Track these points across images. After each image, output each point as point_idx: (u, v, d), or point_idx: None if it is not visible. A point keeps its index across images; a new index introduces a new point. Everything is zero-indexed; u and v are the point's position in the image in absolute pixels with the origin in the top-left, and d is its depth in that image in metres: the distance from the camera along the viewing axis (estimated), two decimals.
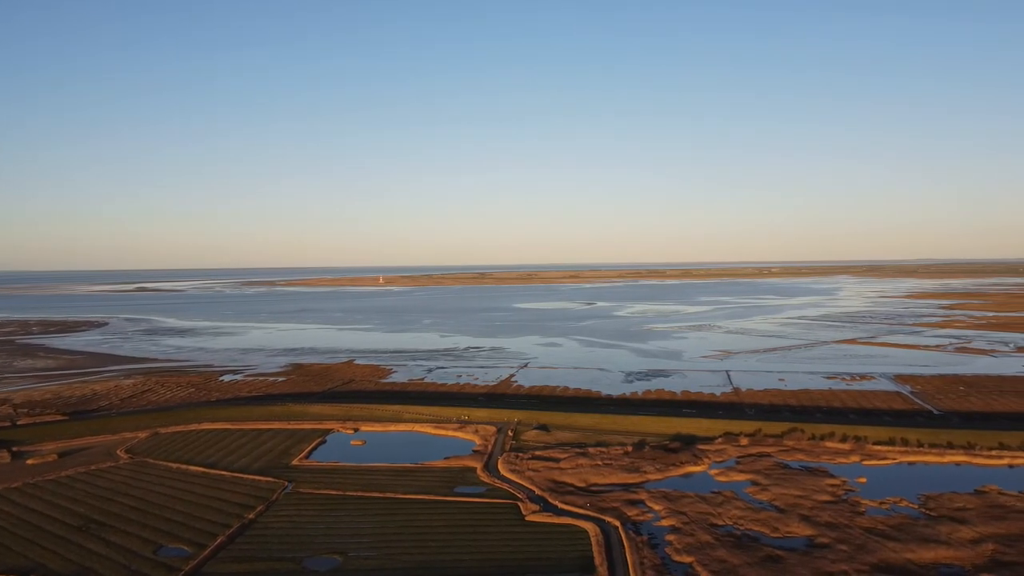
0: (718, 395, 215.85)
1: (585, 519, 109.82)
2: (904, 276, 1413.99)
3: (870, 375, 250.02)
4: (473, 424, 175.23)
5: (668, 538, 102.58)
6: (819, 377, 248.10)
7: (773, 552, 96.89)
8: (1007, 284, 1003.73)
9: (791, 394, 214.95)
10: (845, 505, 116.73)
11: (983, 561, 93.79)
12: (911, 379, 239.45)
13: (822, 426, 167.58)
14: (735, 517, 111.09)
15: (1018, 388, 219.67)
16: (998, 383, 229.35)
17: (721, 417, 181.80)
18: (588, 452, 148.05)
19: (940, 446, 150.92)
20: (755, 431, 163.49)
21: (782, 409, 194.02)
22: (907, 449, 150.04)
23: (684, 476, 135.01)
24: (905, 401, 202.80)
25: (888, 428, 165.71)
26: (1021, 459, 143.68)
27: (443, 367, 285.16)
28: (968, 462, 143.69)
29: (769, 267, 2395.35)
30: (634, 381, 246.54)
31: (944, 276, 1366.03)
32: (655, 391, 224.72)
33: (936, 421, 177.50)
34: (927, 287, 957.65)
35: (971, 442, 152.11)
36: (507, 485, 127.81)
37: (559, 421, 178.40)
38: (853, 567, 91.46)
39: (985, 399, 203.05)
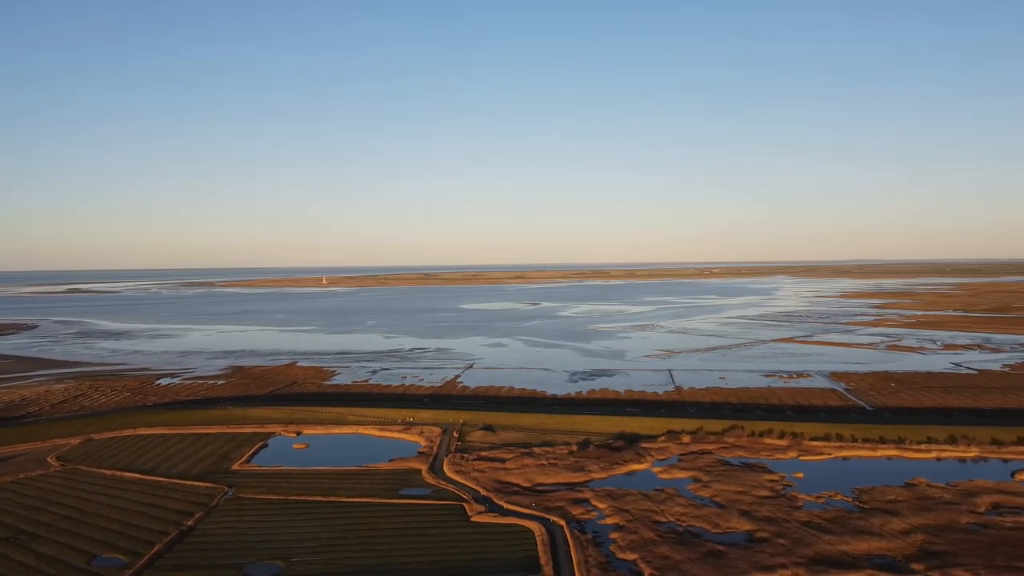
0: (661, 394, 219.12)
1: (531, 519, 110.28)
2: (839, 276, 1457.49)
3: (807, 373, 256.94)
4: (418, 425, 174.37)
5: (612, 536, 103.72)
6: (758, 375, 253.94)
7: (715, 547, 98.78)
8: (935, 284, 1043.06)
9: (731, 392, 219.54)
10: (783, 500, 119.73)
11: (913, 551, 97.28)
12: (845, 376, 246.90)
13: (761, 423, 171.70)
14: (678, 514, 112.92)
15: (945, 384, 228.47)
16: (926, 379, 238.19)
17: (664, 416, 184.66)
18: (534, 452, 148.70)
19: (873, 441, 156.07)
20: (697, 429, 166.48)
21: (723, 407, 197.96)
22: (842, 444, 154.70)
23: (628, 474, 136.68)
24: (840, 398, 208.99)
25: (824, 424, 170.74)
26: (948, 452, 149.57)
27: (388, 368, 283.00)
28: (899, 456, 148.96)
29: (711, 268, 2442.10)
30: (579, 381, 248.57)
31: (876, 277, 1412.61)
32: (599, 390, 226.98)
33: (869, 417, 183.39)
34: (860, 287, 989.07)
35: (902, 437, 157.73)
36: (452, 486, 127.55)
37: (505, 421, 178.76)
38: (791, 560, 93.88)
39: (914, 395, 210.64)
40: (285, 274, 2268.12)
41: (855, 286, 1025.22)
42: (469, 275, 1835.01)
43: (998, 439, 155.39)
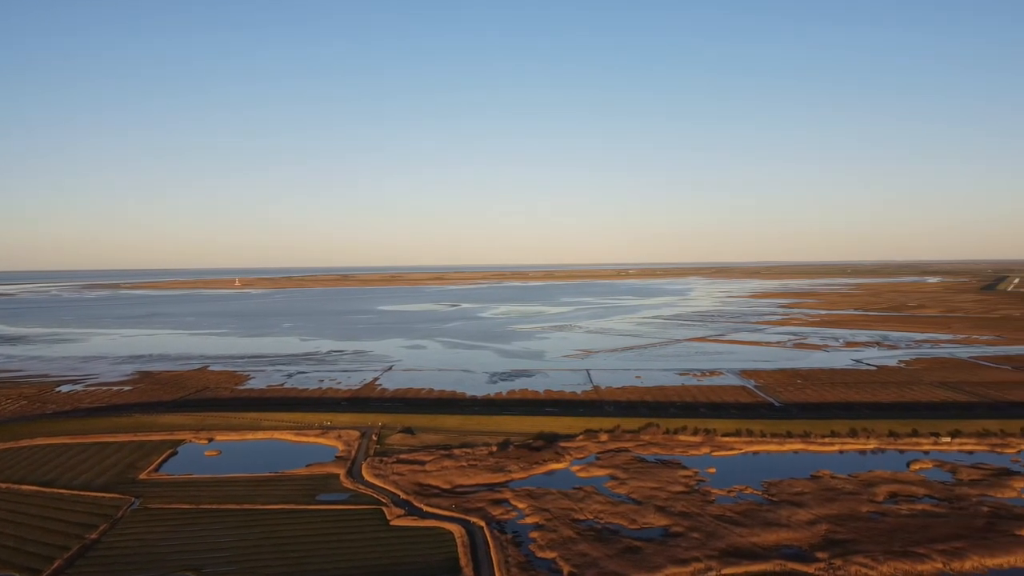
0: (579, 393, 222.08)
1: (451, 521, 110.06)
2: (749, 277, 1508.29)
3: (719, 371, 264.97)
4: (336, 429, 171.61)
5: (532, 535, 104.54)
6: (673, 374, 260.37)
7: (632, 543, 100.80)
8: (837, 285, 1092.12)
9: (647, 391, 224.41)
10: (697, 495, 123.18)
11: (818, 541, 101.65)
12: (755, 374, 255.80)
13: (675, 420, 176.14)
14: (596, 511, 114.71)
15: (847, 380, 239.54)
16: (830, 375, 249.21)
17: (582, 415, 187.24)
18: (454, 453, 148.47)
19: (781, 435, 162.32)
20: (614, 427, 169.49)
21: (639, 405, 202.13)
22: (752, 439, 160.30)
23: (547, 473, 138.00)
24: (750, 394, 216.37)
25: (735, 420, 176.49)
26: (850, 445, 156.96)
27: (304, 372, 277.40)
28: (805, 449, 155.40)
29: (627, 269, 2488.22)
30: (498, 382, 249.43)
31: (783, 277, 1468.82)
32: (519, 391, 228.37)
33: (777, 412, 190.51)
34: (769, 287, 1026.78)
35: (807, 431, 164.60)
36: (371, 490, 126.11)
37: (425, 423, 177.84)
38: (704, 553, 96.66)
39: (819, 390, 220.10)
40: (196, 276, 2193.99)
41: (764, 287, 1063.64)
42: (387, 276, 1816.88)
43: (895, 431, 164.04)
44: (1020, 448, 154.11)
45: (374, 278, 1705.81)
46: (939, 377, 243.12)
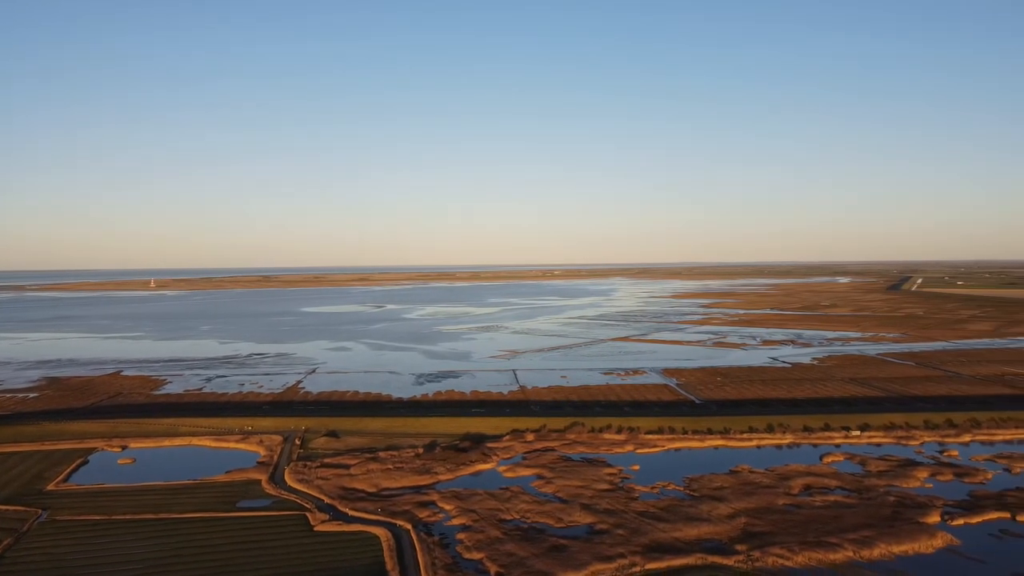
0: (506, 394, 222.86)
1: (377, 524, 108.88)
2: (670, 278, 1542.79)
3: (642, 370, 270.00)
4: (258, 434, 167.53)
5: (459, 536, 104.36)
6: (597, 373, 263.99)
7: (558, 542, 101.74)
8: (755, 285, 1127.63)
9: (572, 390, 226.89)
10: (621, 492, 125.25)
11: (737, 534, 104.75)
12: (677, 372, 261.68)
13: (600, 419, 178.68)
14: (523, 511, 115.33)
15: (764, 377, 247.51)
16: (748, 373, 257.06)
17: (509, 415, 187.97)
18: (379, 456, 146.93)
19: (701, 432, 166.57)
20: (540, 427, 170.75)
21: (564, 405, 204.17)
22: (674, 436, 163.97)
23: (474, 474, 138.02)
24: (672, 392, 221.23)
25: (658, 418, 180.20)
26: (767, 440, 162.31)
27: (224, 375, 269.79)
28: (724, 445, 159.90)
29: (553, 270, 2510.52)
30: (425, 383, 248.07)
31: (704, 278, 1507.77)
32: (445, 392, 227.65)
33: (698, 410, 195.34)
34: (690, 288, 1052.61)
35: (727, 427, 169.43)
36: (295, 496, 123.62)
37: (350, 426, 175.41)
38: (629, 549, 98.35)
39: (738, 387, 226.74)
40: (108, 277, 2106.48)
41: (685, 287, 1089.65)
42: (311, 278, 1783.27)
43: (809, 426, 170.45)
44: (923, 440, 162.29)
45: (296, 279, 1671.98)
46: (849, 373, 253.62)
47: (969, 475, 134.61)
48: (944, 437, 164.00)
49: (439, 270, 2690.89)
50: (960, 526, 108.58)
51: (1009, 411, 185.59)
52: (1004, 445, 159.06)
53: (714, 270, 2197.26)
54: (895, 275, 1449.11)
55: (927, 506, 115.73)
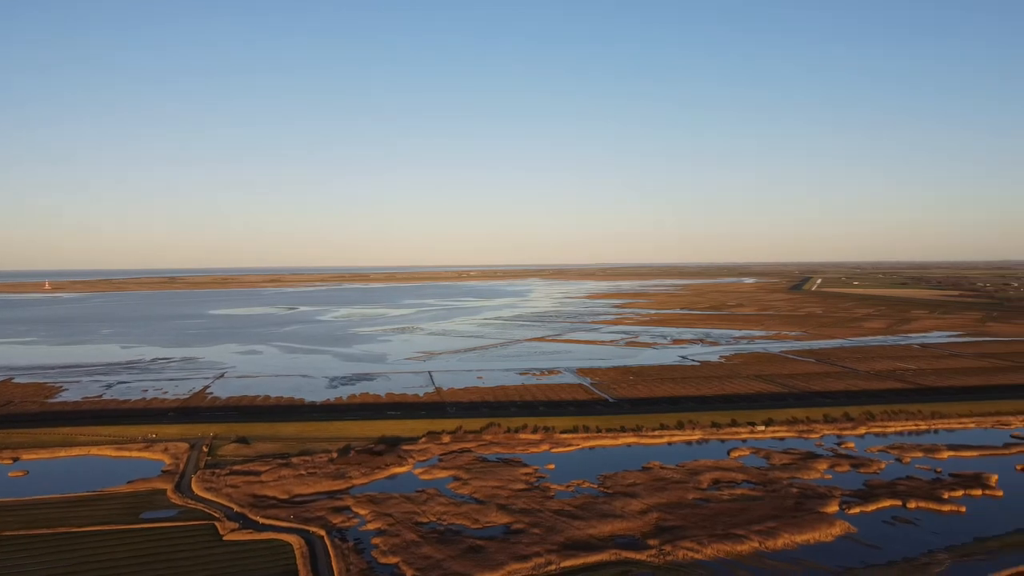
0: (422, 395, 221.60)
1: (289, 532, 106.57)
2: (584, 279, 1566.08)
3: (557, 370, 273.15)
4: (162, 442, 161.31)
5: (374, 541, 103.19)
6: (513, 373, 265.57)
7: (475, 543, 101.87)
8: (666, 285, 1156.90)
9: (488, 391, 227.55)
10: (537, 491, 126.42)
11: (650, 528, 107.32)
12: (591, 372, 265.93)
13: (516, 419, 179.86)
14: (439, 513, 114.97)
15: (674, 376, 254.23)
16: (659, 372, 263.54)
17: (425, 417, 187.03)
18: (292, 462, 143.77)
19: (615, 430, 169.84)
20: (456, 428, 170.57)
21: (481, 406, 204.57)
22: (588, 435, 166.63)
23: (390, 478, 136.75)
24: (586, 392, 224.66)
25: (572, 418, 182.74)
26: (678, 437, 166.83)
27: (126, 382, 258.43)
28: (637, 442, 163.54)
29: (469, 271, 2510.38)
30: (339, 386, 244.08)
31: (616, 279, 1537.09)
32: (360, 395, 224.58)
33: (611, 408, 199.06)
34: (603, 288, 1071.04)
35: (639, 425, 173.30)
36: (202, 505, 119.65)
37: (261, 432, 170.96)
38: (544, 548, 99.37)
39: (649, 386, 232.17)
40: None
41: (599, 287, 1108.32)
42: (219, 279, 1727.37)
43: (717, 422, 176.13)
44: (823, 433, 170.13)
45: (204, 280, 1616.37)
46: (755, 371, 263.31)
47: (864, 466, 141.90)
48: (842, 430, 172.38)
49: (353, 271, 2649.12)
50: (857, 514, 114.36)
51: (900, 404, 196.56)
52: (896, 436, 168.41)
53: (627, 271, 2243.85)
54: (797, 276, 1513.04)
55: (827, 496, 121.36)
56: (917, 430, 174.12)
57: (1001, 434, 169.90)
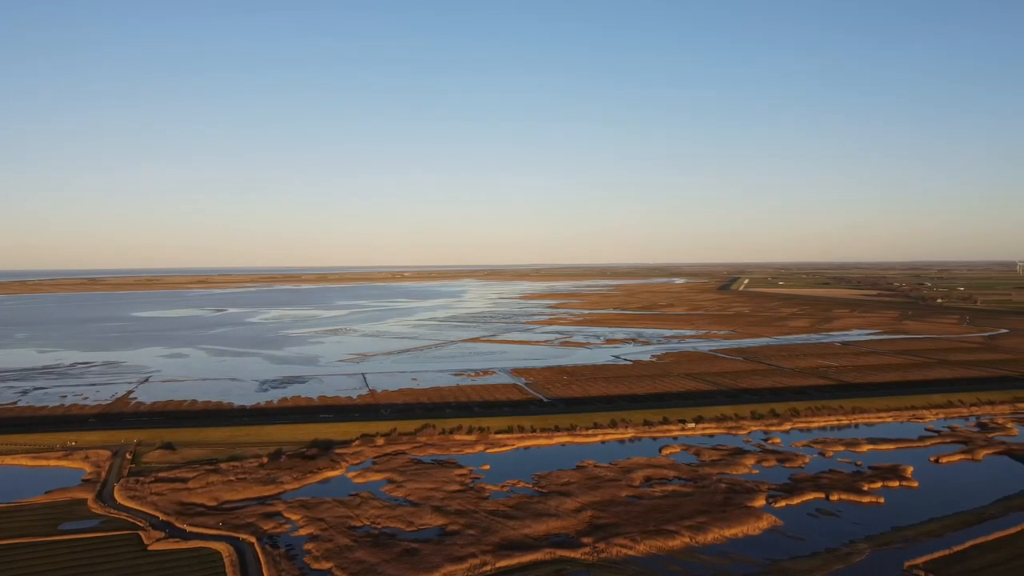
0: (355, 398, 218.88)
1: (218, 540, 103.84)
2: (519, 279, 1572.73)
3: (492, 370, 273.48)
4: (83, 450, 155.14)
5: (307, 547, 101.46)
6: (448, 374, 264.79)
7: (409, 545, 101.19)
8: (599, 286, 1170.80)
9: (423, 392, 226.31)
10: (472, 492, 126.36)
11: (584, 527, 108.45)
12: (525, 372, 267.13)
13: (451, 421, 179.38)
14: (373, 516, 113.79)
15: (607, 375, 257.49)
16: (592, 371, 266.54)
17: (358, 419, 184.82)
18: (220, 468, 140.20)
19: (549, 430, 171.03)
20: (391, 430, 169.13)
21: (415, 407, 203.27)
22: (523, 435, 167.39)
23: (322, 482, 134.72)
24: (521, 392, 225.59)
25: (507, 418, 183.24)
26: (611, 435, 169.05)
27: (43, 387, 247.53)
28: (571, 442, 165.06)
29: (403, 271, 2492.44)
30: (270, 389, 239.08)
31: (550, 279, 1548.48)
32: (292, 398, 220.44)
33: (546, 408, 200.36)
34: (538, 289, 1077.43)
35: (573, 424, 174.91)
36: (126, 514, 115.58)
37: (188, 438, 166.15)
38: (480, 549, 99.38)
39: (583, 385, 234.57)
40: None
41: (533, 288, 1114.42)
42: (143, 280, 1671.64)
43: (649, 420, 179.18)
44: (750, 429, 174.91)
45: (127, 281, 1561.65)
46: (685, 369, 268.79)
47: (790, 460, 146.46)
48: (768, 426, 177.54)
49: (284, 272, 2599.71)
50: (783, 508, 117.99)
51: (823, 400, 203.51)
52: (819, 431, 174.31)
53: (561, 272, 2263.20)
54: (725, 276, 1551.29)
55: (754, 491, 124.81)
56: (839, 425, 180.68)
57: (916, 427, 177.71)
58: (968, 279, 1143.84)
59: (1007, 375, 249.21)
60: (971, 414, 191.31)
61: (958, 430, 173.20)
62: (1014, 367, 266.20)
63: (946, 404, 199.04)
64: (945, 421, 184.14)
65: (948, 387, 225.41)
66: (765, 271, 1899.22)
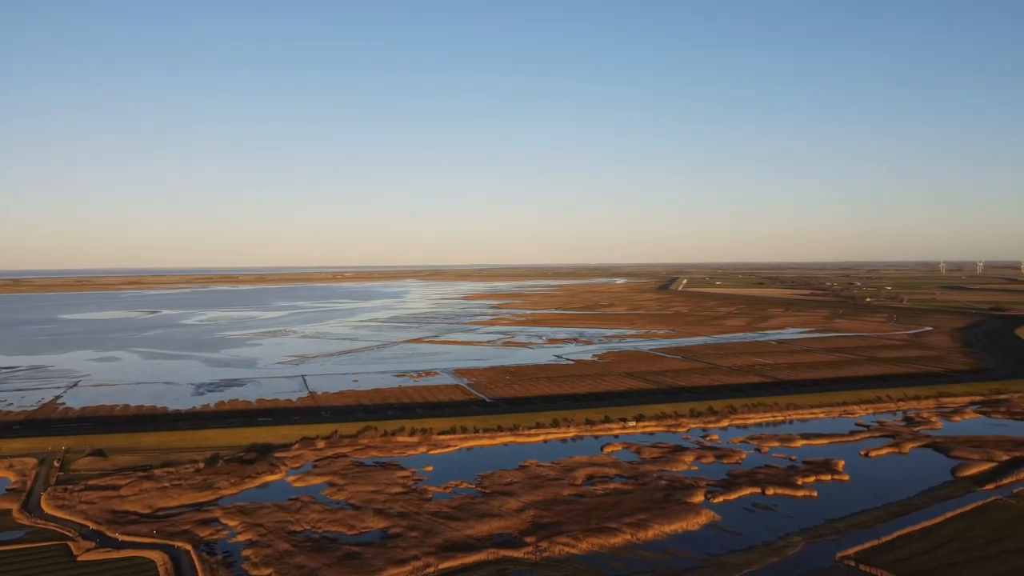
0: (295, 400, 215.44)
1: (152, 548, 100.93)
2: (461, 279, 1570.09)
3: (434, 371, 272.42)
4: (6, 458, 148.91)
5: (245, 553, 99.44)
6: (390, 376, 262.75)
7: (351, 549, 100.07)
8: (541, 286, 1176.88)
9: (365, 394, 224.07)
10: (415, 494, 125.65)
11: (527, 526, 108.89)
12: (468, 372, 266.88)
13: (393, 422, 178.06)
14: (313, 521, 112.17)
15: (549, 375, 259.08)
16: (535, 371, 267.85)
17: (298, 423, 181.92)
18: (154, 474, 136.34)
19: (492, 430, 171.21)
20: (331, 433, 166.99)
21: (357, 409, 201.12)
22: (466, 436, 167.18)
23: (261, 487, 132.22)
24: (464, 392, 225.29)
25: (450, 419, 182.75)
26: (553, 435, 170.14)
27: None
28: (514, 441, 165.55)
29: (344, 272, 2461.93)
30: (206, 393, 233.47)
31: (493, 279, 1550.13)
32: (229, 402, 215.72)
33: (488, 408, 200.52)
34: (480, 289, 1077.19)
35: (516, 424, 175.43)
36: (54, 524, 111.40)
37: (120, 444, 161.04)
38: (422, 551, 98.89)
39: (525, 385, 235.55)
40: None
41: (475, 288, 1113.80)
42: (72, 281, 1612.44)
43: (591, 419, 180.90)
44: (689, 427, 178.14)
45: (55, 283, 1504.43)
46: (626, 368, 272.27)
47: (727, 456, 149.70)
48: (707, 423, 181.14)
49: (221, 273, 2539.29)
50: (721, 503, 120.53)
51: (759, 397, 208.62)
52: (756, 428, 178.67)
53: (504, 272, 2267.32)
54: (664, 276, 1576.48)
55: (693, 487, 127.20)
56: (775, 421, 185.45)
57: (847, 422, 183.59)
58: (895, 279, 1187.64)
59: (931, 371, 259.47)
60: (898, 409, 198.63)
61: (886, 424, 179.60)
62: (937, 363, 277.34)
63: (875, 400, 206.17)
64: (874, 416, 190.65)
65: (877, 383, 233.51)
66: (703, 271, 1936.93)
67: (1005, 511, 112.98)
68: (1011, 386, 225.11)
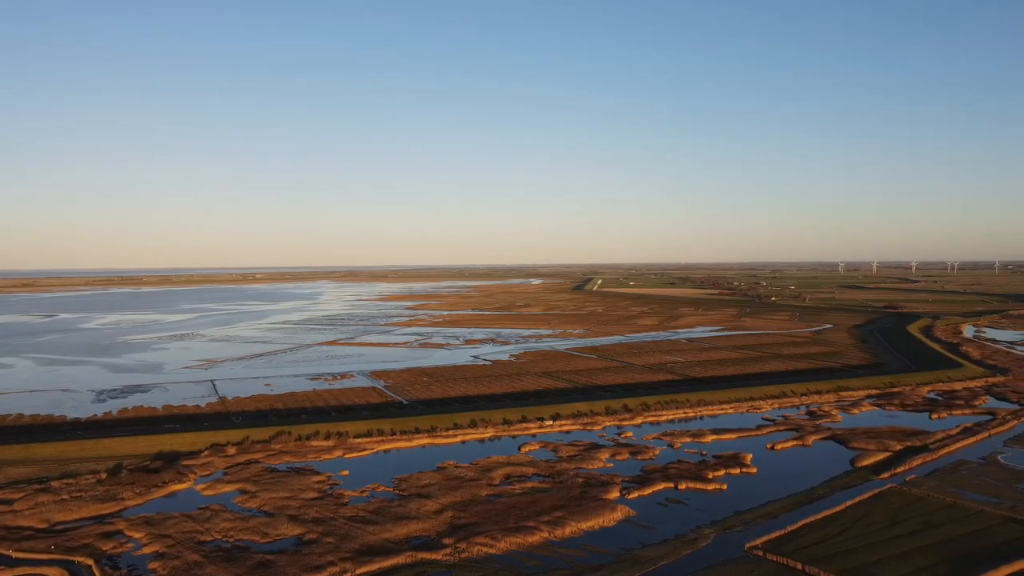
0: (204, 406, 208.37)
1: (50, 564, 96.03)
2: (376, 280, 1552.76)
3: (350, 373, 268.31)
4: None
5: (152, 566, 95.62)
6: (304, 379, 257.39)
7: (264, 558, 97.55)
8: (457, 287, 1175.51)
9: (277, 398, 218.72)
10: (330, 499, 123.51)
11: (445, 528, 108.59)
12: (384, 374, 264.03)
13: (307, 426, 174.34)
14: (224, 530, 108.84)
15: (466, 375, 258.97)
16: (452, 372, 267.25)
17: (207, 429, 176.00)
18: (52, 487, 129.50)
19: (409, 432, 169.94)
20: (243, 439, 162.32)
21: (269, 414, 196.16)
22: (383, 438, 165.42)
23: (168, 496, 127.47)
24: (380, 395, 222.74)
25: (366, 421, 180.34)
26: (471, 435, 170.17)
27: None
28: (431, 443, 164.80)
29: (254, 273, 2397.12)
30: (108, 400, 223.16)
31: (408, 280, 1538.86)
32: (133, 408, 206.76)
33: (405, 410, 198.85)
34: (396, 290, 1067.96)
35: (433, 426, 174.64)
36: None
37: (13, 455, 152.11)
38: (338, 556, 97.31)
39: (443, 387, 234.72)
40: None
41: (391, 289, 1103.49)
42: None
43: (508, 419, 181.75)
44: (605, 425, 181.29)
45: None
46: (542, 368, 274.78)
47: (642, 453, 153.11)
48: (621, 421, 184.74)
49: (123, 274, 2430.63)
50: (635, 499, 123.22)
51: (671, 394, 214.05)
52: (668, 424, 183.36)
53: (419, 273, 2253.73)
54: (580, 277, 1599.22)
55: (609, 484, 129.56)
56: (686, 417, 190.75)
57: (754, 417, 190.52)
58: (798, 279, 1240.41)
59: (832, 366, 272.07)
60: (802, 403, 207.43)
61: (791, 418, 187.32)
62: (837, 359, 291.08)
63: (780, 395, 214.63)
64: (779, 411, 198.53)
65: (782, 379, 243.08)
66: (617, 271, 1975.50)
67: (899, 498, 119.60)
68: (903, 379, 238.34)
